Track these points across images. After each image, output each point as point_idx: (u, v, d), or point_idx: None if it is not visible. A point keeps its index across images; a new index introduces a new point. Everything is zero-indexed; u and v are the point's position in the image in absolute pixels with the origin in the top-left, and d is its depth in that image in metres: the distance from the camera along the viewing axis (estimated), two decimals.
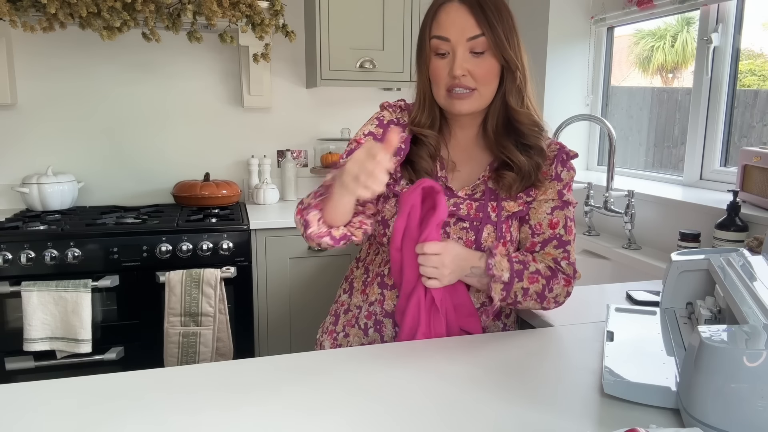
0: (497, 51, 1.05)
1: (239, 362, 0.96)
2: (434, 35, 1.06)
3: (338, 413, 0.77)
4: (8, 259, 1.91)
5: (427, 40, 1.07)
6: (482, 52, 1.05)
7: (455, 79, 1.05)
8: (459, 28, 1.03)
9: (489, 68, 1.06)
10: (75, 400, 0.80)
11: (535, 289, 1.08)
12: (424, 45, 1.09)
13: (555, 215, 1.12)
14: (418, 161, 1.13)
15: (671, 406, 0.77)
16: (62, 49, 2.40)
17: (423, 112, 1.13)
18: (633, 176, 2.25)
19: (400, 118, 1.19)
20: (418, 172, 1.13)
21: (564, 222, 1.12)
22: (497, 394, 0.83)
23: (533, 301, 1.09)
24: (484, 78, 1.06)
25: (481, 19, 1.03)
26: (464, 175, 1.16)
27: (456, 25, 1.04)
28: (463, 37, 1.04)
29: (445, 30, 1.05)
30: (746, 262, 0.96)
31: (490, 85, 1.08)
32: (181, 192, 2.44)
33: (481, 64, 1.05)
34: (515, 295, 1.07)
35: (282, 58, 2.62)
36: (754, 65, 1.94)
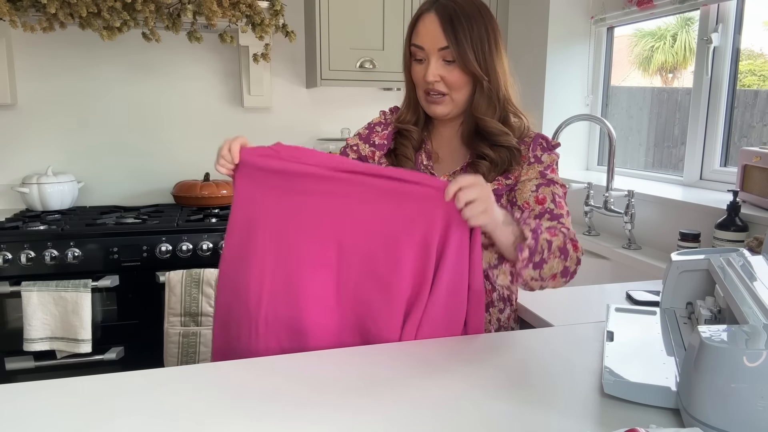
0: (461, 62, 1.11)
1: (239, 362, 0.96)
2: (412, 43, 1.15)
3: (338, 413, 0.77)
4: (8, 259, 1.91)
5: (408, 46, 1.17)
6: (453, 61, 1.12)
7: (429, 84, 1.14)
8: (430, 38, 1.12)
9: (459, 76, 1.13)
10: (75, 400, 0.80)
11: (557, 244, 1.05)
12: (406, 51, 1.18)
13: (540, 192, 1.16)
14: (401, 150, 1.23)
15: (671, 406, 0.77)
16: (62, 49, 2.40)
17: (408, 110, 1.24)
18: (633, 176, 2.25)
19: (389, 119, 1.30)
20: (399, 159, 1.22)
21: (552, 197, 1.15)
22: (497, 394, 0.83)
23: (558, 260, 1.04)
24: (455, 84, 1.14)
25: (448, 33, 1.10)
26: (446, 166, 1.23)
27: (429, 34, 1.12)
28: (434, 46, 1.12)
29: (420, 39, 1.13)
30: (746, 262, 0.96)
31: (461, 92, 1.15)
32: (181, 192, 2.44)
33: (452, 72, 1.13)
34: (542, 248, 1.02)
35: (282, 58, 2.62)
36: (754, 65, 1.94)
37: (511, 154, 1.17)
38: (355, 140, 1.31)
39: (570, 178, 2.21)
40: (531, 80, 2.46)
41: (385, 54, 2.39)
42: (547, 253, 1.03)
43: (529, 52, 2.46)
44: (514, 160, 1.17)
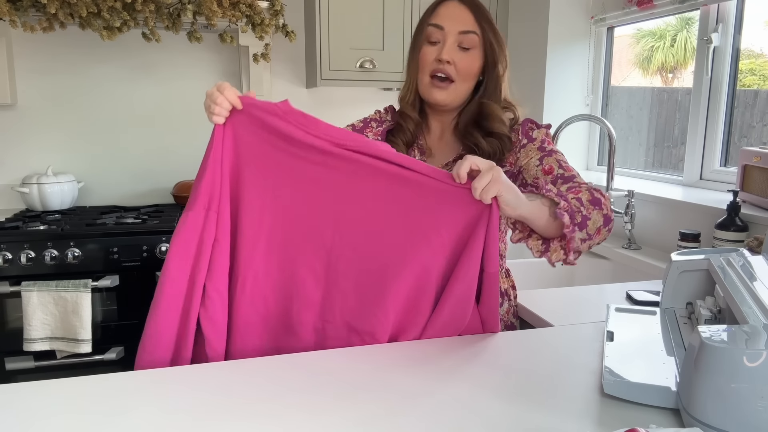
0: (484, 51, 1.14)
1: (239, 362, 0.96)
2: (430, 23, 1.15)
3: (338, 413, 0.77)
4: (8, 259, 1.91)
5: (425, 27, 1.16)
6: (469, 49, 1.13)
7: (440, 64, 1.13)
8: (454, 21, 1.13)
9: (471, 64, 1.14)
10: (75, 400, 0.80)
11: (586, 198, 1.04)
12: (419, 35, 1.18)
13: (545, 163, 1.15)
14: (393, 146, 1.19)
15: (671, 406, 0.77)
16: (62, 49, 2.40)
17: (408, 91, 1.22)
18: (633, 176, 2.25)
19: (383, 117, 1.30)
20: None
21: (558, 164, 1.15)
22: (497, 394, 0.83)
23: (595, 211, 1.03)
24: (465, 72, 1.14)
25: (478, 18, 1.14)
26: (437, 161, 1.24)
27: (452, 17, 1.13)
28: (456, 28, 1.13)
29: (441, 19, 1.14)
30: (746, 262, 0.96)
31: (466, 82, 1.16)
32: (181, 192, 2.44)
33: (466, 58, 1.14)
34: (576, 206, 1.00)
35: (282, 58, 2.62)
36: (755, 65, 1.94)
37: (503, 144, 1.18)
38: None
39: None
40: (531, 80, 2.46)
41: (385, 54, 2.39)
42: (584, 209, 1.02)
43: (529, 52, 2.46)
44: (506, 148, 1.18)
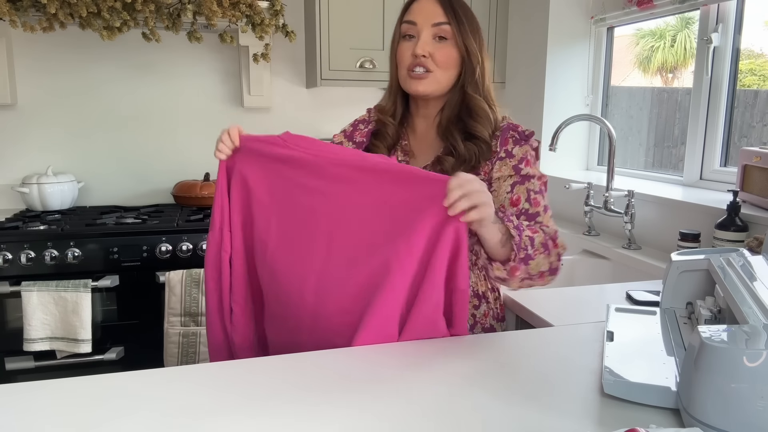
0: (459, 39, 1.14)
1: (239, 362, 0.96)
2: (404, 20, 1.17)
3: (338, 413, 0.77)
4: (8, 259, 1.91)
5: (399, 25, 1.19)
6: (444, 38, 1.15)
7: (416, 58, 1.14)
8: (426, 15, 1.15)
9: (449, 55, 1.15)
10: (75, 400, 0.80)
11: (539, 240, 1.05)
12: (396, 34, 1.20)
13: (515, 191, 1.15)
14: (374, 150, 1.24)
15: (671, 406, 0.77)
16: (62, 49, 2.40)
17: (389, 99, 1.26)
18: (633, 176, 2.25)
19: (372, 116, 1.32)
20: None
21: (526, 195, 1.14)
22: (497, 394, 0.83)
23: (542, 255, 1.05)
24: (443, 63, 1.15)
25: (448, 10, 1.14)
26: (418, 162, 1.24)
27: (424, 12, 1.15)
28: (428, 22, 1.14)
29: (413, 15, 1.16)
30: (746, 262, 0.96)
31: (447, 72, 1.17)
32: (181, 192, 2.44)
33: (442, 49, 1.15)
34: (525, 244, 1.03)
35: (282, 58, 2.62)
36: (755, 65, 1.94)
37: (480, 151, 1.16)
38: (341, 137, 1.33)
39: (570, 178, 2.21)
40: (531, 80, 2.47)
41: (385, 54, 2.37)
42: (532, 249, 1.04)
43: (529, 52, 2.46)
44: (483, 156, 1.16)
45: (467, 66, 1.17)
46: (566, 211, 2.22)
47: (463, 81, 1.18)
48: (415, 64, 1.15)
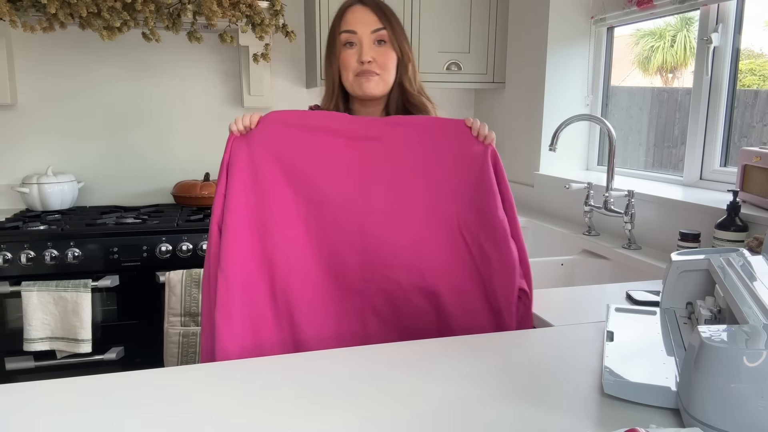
0: (395, 43, 1.25)
1: (239, 362, 0.96)
2: (344, 30, 1.25)
3: (338, 413, 0.77)
4: (8, 259, 1.91)
5: (337, 35, 1.26)
6: (384, 42, 1.25)
7: (363, 65, 1.23)
8: (364, 23, 1.24)
9: (389, 57, 1.26)
10: (75, 400, 0.80)
11: None
12: (334, 41, 1.27)
13: None
14: None
15: (671, 406, 0.77)
16: (62, 49, 2.40)
17: (330, 101, 1.31)
18: (633, 176, 2.25)
19: None
20: None
21: None
22: (497, 394, 0.83)
23: None
24: (386, 64, 1.26)
25: (381, 17, 1.24)
26: None
27: (361, 20, 1.24)
28: (368, 29, 1.23)
29: (352, 25, 1.24)
30: (746, 262, 0.96)
31: (390, 72, 1.27)
32: (181, 192, 2.44)
33: (384, 52, 1.25)
34: None
35: (282, 58, 2.62)
36: (754, 65, 1.94)
37: None
38: None
39: (570, 178, 2.21)
40: (531, 80, 2.47)
41: None
42: None
43: (529, 52, 2.46)
44: None
45: (402, 65, 1.28)
46: (566, 211, 2.22)
47: (401, 78, 1.29)
48: (363, 70, 1.24)
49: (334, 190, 1.15)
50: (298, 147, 1.15)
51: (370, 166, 1.16)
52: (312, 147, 1.15)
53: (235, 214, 1.13)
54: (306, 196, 1.15)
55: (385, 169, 1.16)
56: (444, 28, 2.49)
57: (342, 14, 1.26)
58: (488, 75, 2.60)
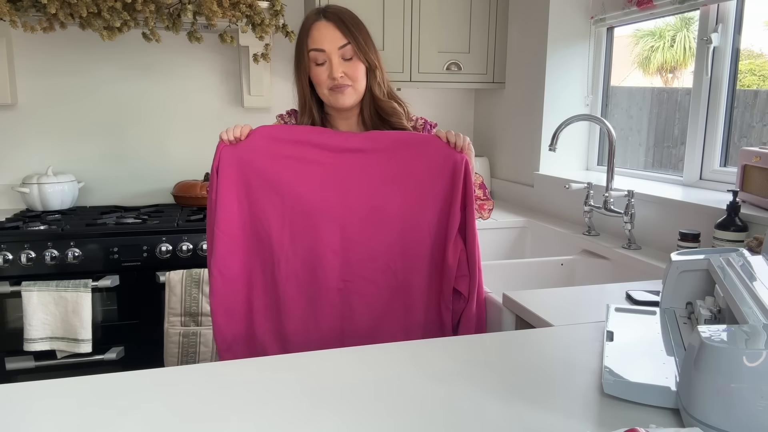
0: (361, 55, 1.29)
1: (239, 362, 0.96)
2: (311, 48, 1.29)
3: (338, 413, 0.77)
4: (8, 259, 1.91)
5: (306, 53, 1.31)
6: (351, 58, 1.29)
7: (335, 81, 1.28)
8: (329, 40, 1.27)
9: (357, 68, 1.30)
10: (75, 400, 0.80)
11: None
12: (302, 58, 1.32)
13: None
14: None
15: (671, 406, 0.77)
16: (62, 49, 2.40)
17: (303, 114, 1.38)
18: (633, 176, 2.25)
19: (288, 122, 1.43)
20: None
21: None
22: (497, 394, 0.83)
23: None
24: (357, 76, 1.30)
25: (345, 31, 1.28)
26: None
27: (326, 38, 1.27)
28: (334, 46, 1.27)
29: (319, 43, 1.28)
30: (746, 262, 0.96)
31: (360, 82, 1.32)
32: (181, 192, 2.44)
33: (352, 66, 1.29)
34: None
35: (282, 58, 2.61)
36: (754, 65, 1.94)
37: None
38: None
39: (570, 178, 2.21)
40: (531, 80, 2.47)
41: (385, 54, 2.39)
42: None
43: (529, 52, 2.46)
44: None
45: (371, 72, 1.33)
46: (566, 211, 2.23)
47: (370, 86, 1.34)
48: (335, 86, 1.29)
49: (318, 198, 1.25)
50: (285, 158, 1.25)
51: (351, 176, 1.26)
52: (297, 158, 1.25)
53: (226, 217, 1.24)
54: (292, 203, 1.25)
55: (364, 179, 1.26)
56: (444, 28, 2.49)
57: (308, 31, 1.30)
58: (488, 75, 2.60)
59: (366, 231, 1.27)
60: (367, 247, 1.27)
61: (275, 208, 1.26)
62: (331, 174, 1.26)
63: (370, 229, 1.27)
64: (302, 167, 1.26)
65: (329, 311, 1.27)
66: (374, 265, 1.27)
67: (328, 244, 1.26)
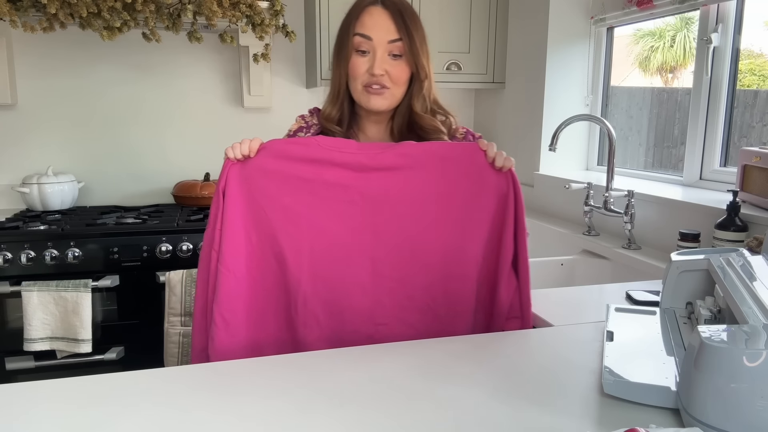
0: (411, 57, 1.14)
1: (239, 362, 0.96)
2: (357, 32, 1.13)
3: (338, 413, 0.77)
4: (8, 259, 1.91)
5: (350, 36, 1.14)
6: (399, 55, 1.14)
7: (373, 77, 1.13)
8: (381, 30, 1.12)
9: (403, 71, 1.15)
10: (75, 400, 0.80)
11: None
12: (345, 41, 1.15)
13: None
14: None
15: (671, 406, 0.77)
16: (62, 49, 2.40)
17: (334, 106, 1.20)
18: (633, 176, 2.25)
19: (309, 121, 1.27)
20: None
21: None
22: (497, 394, 0.83)
23: None
24: (398, 79, 1.15)
25: (400, 26, 1.12)
26: None
27: (378, 26, 1.12)
28: (384, 38, 1.12)
29: (368, 29, 1.12)
30: (746, 262, 0.96)
31: (401, 87, 1.17)
32: (181, 192, 2.44)
33: (397, 66, 1.14)
34: None
35: (282, 58, 2.61)
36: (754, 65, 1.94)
37: None
38: None
39: (570, 178, 2.21)
40: (531, 80, 2.47)
41: None
42: None
43: (529, 52, 2.46)
44: None
45: (415, 81, 1.17)
46: (566, 211, 2.22)
47: (411, 97, 1.18)
48: (372, 82, 1.13)
49: (342, 227, 1.07)
50: (303, 180, 1.07)
51: (382, 200, 1.07)
52: (318, 180, 1.07)
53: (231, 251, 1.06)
54: (311, 234, 1.07)
55: (398, 203, 1.07)
56: (444, 28, 2.49)
57: (358, 14, 1.14)
58: (488, 75, 2.60)
59: (401, 265, 1.08)
60: (403, 284, 1.08)
61: (291, 239, 1.07)
62: (357, 198, 1.07)
63: (406, 262, 1.08)
64: (323, 191, 1.07)
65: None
66: (411, 305, 1.09)
67: (357, 281, 1.08)
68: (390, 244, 1.08)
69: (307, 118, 1.28)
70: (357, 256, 1.08)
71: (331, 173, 1.07)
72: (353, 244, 1.07)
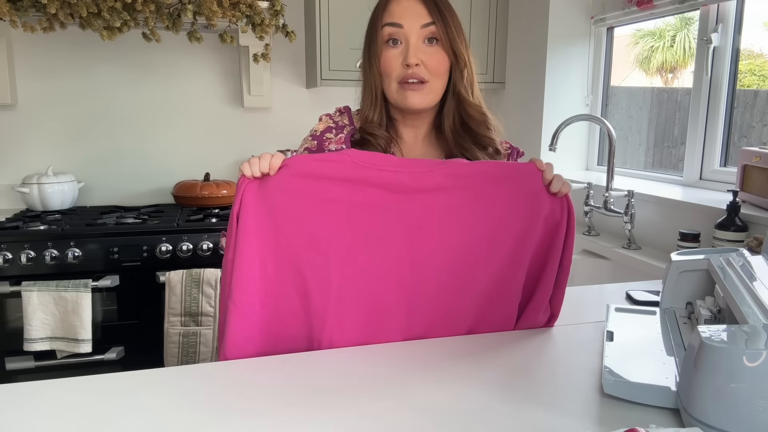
0: (447, 42, 1.03)
1: (239, 362, 0.95)
2: (387, 23, 1.04)
3: (339, 413, 0.77)
4: (8, 259, 1.91)
5: (379, 29, 1.04)
6: (435, 40, 1.03)
7: (409, 68, 1.02)
8: (412, 15, 1.02)
9: (441, 59, 1.04)
10: (75, 400, 0.80)
11: None
12: (375, 37, 1.06)
13: None
14: None
15: (671, 406, 0.77)
16: (62, 49, 2.40)
17: (375, 109, 1.09)
18: (633, 176, 2.25)
19: (339, 121, 1.16)
20: None
21: None
22: (497, 394, 0.83)
23: None
24: (437, 69, 1.04)
25: (432, 9, 1.02)
26: None
27: (409, 12, 1.02)
28: (416, 24, 1.02)
29: (398, 17, 1.03)
30: (746, 262, 0.96)
31: (440, 79, 1.05)
32: (181, 192, 2.44)
33: (434, 54, 1.03)
34: None
35: (282, 58, 2.61)
36: (754, 65, 1.94)
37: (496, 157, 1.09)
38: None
39: (570, 178, 2.21)
40: (531, 80, 2.47)
41: None
42: None
43: (529, 52, 2.46)
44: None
45: (456, 70, 1.06)
46: None
47: (455, 87, 1.07)
48: (408, 76, 1.02)
49: (377, 256, 0.93)
50: (331, 203, 0.91)
51: (422, 226, 0.93)
52: (349, 202, 0.92)
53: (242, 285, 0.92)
54: (341, 266, 0.93)
55: (440, 230, 0.93)
56: None
57: (385, 5, 1.05)
58: (488, 75, 2.60)
59: (442, 302, 0.96)
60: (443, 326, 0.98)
61: (317, 272, 0.92)
62: (395, 224, 0.92)
63: (448, 298, 0.96)
64: (357, 215, 0.92)
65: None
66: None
67: (392, 326, 0.96)
68: (430, 278, 0.94)
69: (335, 118, 1.17)
70: (395, 293, 0.94)
71: (367, 194, 0.91)
72: (389, 279, 0.94)
